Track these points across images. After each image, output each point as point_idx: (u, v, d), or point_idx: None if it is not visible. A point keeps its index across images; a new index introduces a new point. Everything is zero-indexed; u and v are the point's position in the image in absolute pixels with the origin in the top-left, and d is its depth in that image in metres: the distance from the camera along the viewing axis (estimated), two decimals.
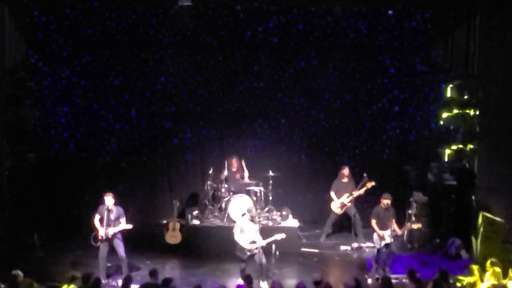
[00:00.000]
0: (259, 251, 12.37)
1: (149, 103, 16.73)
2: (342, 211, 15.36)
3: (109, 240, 12.57)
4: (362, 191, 15.04)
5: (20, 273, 10.51)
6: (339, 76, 16.60)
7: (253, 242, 12.38)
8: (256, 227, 12.56)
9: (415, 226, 13.68)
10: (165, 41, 16.22)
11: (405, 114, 16.65)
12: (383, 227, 12.86)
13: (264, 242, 12.45)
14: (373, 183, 14.81)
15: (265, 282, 12.33)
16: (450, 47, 14.51)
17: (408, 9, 15.49)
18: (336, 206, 15.32)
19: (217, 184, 15.73)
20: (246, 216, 12.78)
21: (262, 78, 16.68)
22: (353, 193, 15.13)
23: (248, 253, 12.36)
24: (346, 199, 15.21)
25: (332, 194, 15.36)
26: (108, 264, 12.97)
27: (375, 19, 15.90)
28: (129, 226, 12.73)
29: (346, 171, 15.37)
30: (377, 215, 12.97)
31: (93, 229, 12.69)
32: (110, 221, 12.56)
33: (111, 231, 12.52)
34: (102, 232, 12.52)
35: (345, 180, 15.36)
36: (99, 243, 12.58)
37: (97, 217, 12.66)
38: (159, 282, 10.50)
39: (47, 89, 16.00)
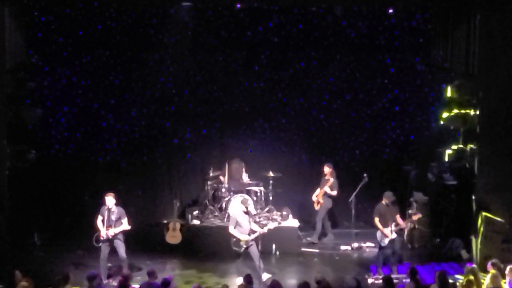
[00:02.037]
0: (254, 244, 12.43)
1: (149, 103, 16.73)
2: (318, 207, 15.42)
3: (110, 241, 12.57)
4: (324, 190, 15.18)
5: (18, 273, 10.52)
6: (339, 76, 16.59)
7: (252, 232, 12.43)
8: (249, 217, 12.62)
9: (416, 217, 13.68)
10: (165, 41, 16.21)
11: (405, 114, 16.64)
12: (385, 224, 12.88)
13: (264, 229, 12.55)
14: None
15: (265, 273, 12.36)
16: (450, 47, 14.49)
17: (408, 9, 15.49)
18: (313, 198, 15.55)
19: (217, 184, 15.76)
20: (241, 207, 12.82)
21: (262, 78, 16.68)
22: (320, 188, 15.33)
23: (244, 246, 12.39)
24: (319, 194, 15.38)
25: (318, 189, 15.54)
26: (109, 264, 12.98)
27: (375, 19, 15.89)
28: (127, 227, 12.72)
29: (325, 168, 15.48)
30: (379, 213, 13.00)
31: (96, 229, 12.70)
32: (111, 221, 12.55)
33: (112, 231, 12.52)
34: (103, 232, 12.52)
35: (327, 177, 15.44)
36: (100, 244, 12.58)
37: (99, 218, 12.67)
38: (158, 282, 10.50)
39: (47, 89, 16.00)
